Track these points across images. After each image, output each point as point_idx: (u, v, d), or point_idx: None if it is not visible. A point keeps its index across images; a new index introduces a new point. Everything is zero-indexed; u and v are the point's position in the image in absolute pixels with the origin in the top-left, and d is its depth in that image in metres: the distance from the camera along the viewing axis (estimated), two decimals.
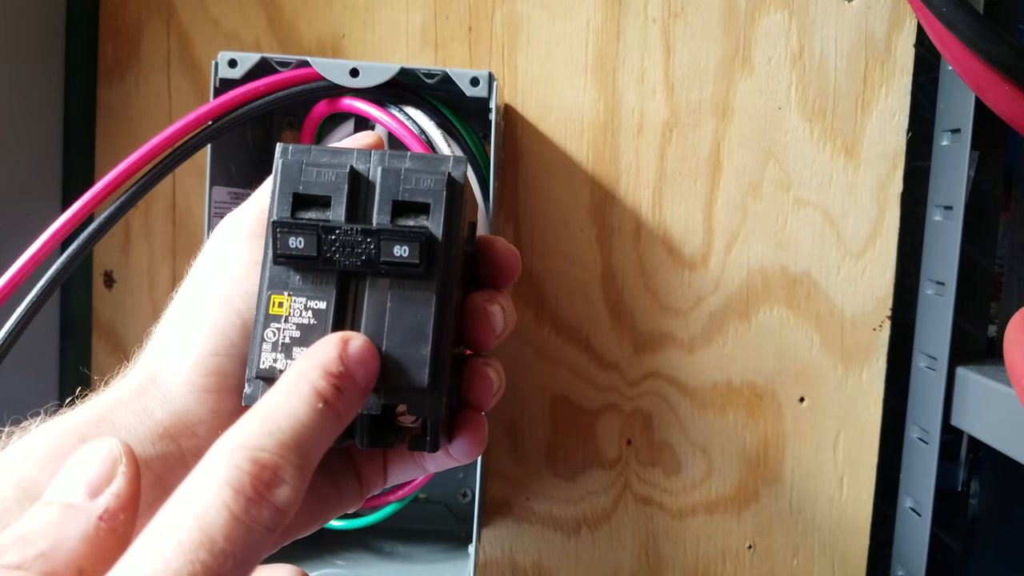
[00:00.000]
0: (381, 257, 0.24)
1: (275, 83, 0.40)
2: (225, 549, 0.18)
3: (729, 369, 0.51)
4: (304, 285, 0.25)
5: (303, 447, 0.20)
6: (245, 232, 0.28)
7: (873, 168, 0.50)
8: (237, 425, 0.20)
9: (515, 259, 0.30)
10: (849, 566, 0.52)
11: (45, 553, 0.19)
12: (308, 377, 0.22)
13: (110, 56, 0.51)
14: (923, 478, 0.48)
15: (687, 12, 0.49)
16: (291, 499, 0.19)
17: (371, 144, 0.31)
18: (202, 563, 0.18)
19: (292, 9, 0.50)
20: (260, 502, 0.19)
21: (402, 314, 0.25)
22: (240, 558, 0.18)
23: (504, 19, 0.50)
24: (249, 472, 0.19)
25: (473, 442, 0.28)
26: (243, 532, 0.18)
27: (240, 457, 0.19)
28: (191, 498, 0.19)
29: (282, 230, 0.24)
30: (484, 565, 0.53)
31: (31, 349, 0.49)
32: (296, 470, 0.20)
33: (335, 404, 0.22)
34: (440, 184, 0.25)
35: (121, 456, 0.21)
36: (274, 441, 0.20)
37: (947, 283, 0.46)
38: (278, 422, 0.20)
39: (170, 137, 0.39)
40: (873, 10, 0.49)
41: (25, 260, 0.36)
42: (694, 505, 0.52)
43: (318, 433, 0.21)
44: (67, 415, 0.25)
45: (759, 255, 0.51)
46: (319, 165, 0.25)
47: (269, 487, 0.19)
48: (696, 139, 0.50)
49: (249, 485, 0.19)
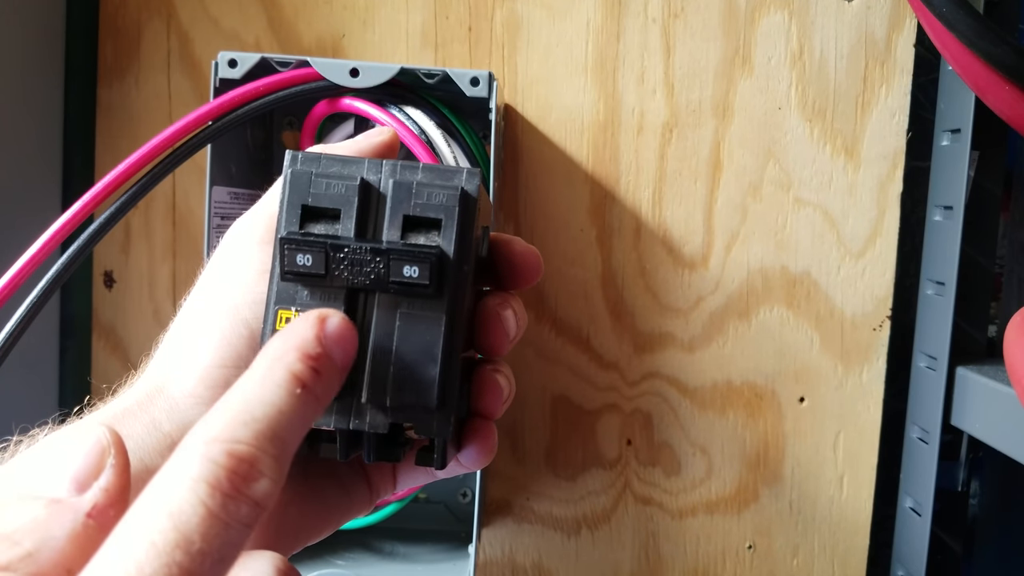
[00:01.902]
0: (390, 277, 0.24)
1: (275, 83, 0.40)
2: (203, 549, 0.17)
3: (729, 369, 0.51)
4: (312, 301, 0.24)
5: (281, 436, 0.19)
6: (255, 238, 0.27)
7: (873, 168, 0.50)
8: (210, 415, 0.19)
9: (535, 260, 0.29)
10: (849, 566, 0.52)
11: (31, 554, 0.18)
12: (284, 361, 0.20)
13: (110, 56, 0.51)
14: (923, 478, 0.48)
15: (687, 12, 0.49)
16: (269, 491, 0.18)
17: (385, 142, 0.30)
18: (178, 565, 0.16)
19: (292, 9, 0.50)
20: (237, 497, 0.18)
21: (411, 333, 0.24)
22: (218, 556, 0.17)
23: (504, 19, 0.50)
24: (225, 466, 0.18)
25: (482, 450, 0.28)
26: (221, 529, 0.17)
27: (215, 450, 0.18)
28: (164, 495, 0.17)
29: (290, 247, 0.24)
30: (484, 565, 0.53)
31: (31, 349, 0.49)
32: (274, 461, 0.19)
33: (313, 388, 0.20)
34: (452, 199, 0.24)
35: (110, 446, 0.20)
36: (250, 432, 0.19)
37: (947, 283, 0.46)
38: (253, 411, 0.19)
39: (170, 137, 0.39)
40: (873, 10, 0.49)
41: (25, 261, 0.36)
42: (694, 505, 0.52)
43: (297, 420, 0.20)
44: (73, 425, 0.25)
45: (759, 255, 0.51)
46: (329, 176, 0.25)
47: (247, 481, 0.18)
48: (696, 139, 0.50)
49: (226, 480, 0.18)
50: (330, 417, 0.24)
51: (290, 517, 0.27)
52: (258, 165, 0.48)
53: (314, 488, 0.28)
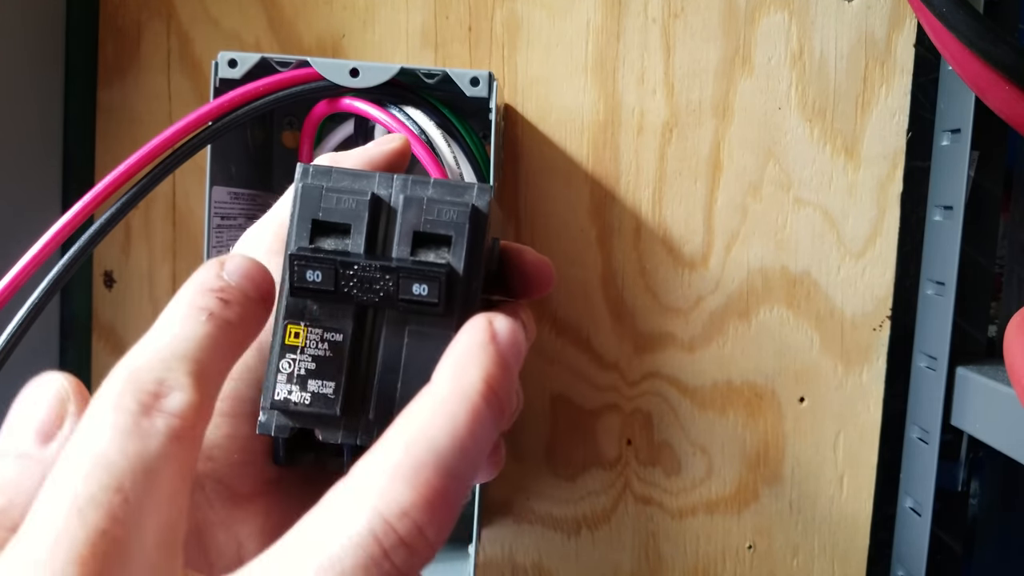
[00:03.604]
0: (399, 295, 0.24)
1: (275, 83, 0.40)
2: (123, 466, 0.17)
3: (729, 369, 0.51)
4: (321, 316, 0.24)
5: (192, 357, 0.19)
6: (263, 248, 0.27)
7: (873, 168, 0.50)
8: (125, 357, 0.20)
9: (548, 271, 0.29)
10: (849, 566, 0.52)
11: (5, 509, 0.18)
12: (186, 298, 0.21)
13: (110, 56, 0.51)
14: (923, 478, 0.48)
15: (687, 12, 0.49)
16: (185, 403, 0.18)
17: (397, 149, 0.30)
18: (101, 485, 0.17)
19: (292, 9, 0.50)
20: (149, 413, 0.18)
21: (419, 351, 0.24)
22: (142, 468, 0.17)
23: (504, 19, 0.50)
24: (130, 388, 0.18)
25: (490, 464, 0.28)
26: (139, 444, 0.17)
27: (121, 377, 0.18)
28: (82, 432, 0.18)
29: (299, 263, 0.24)
30: (484, 565, 0.53)
31: (30, 349, 0.49)
32: (186, 377, 0.19)
33: (223, 314, 0.21)
34: (463, 216, 0.24)
35: (69, 393, 0.20)
36: (156, 357, 0.19)
37: (947, 283, 0.46)
38: (158, 341, 0.20)
39: (170, 138, 0.39)
40: (873, 10, 0.49)
41: (26, 262, 0.35)
42: (694, 505, 0.52)
43: (211, 342, 0.20)
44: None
45: (759, 255, 0.51)
46: (340, 191, 0.25)
47: (156, 397, 0.18)
48: (696, 139, 0.50)
49: (132, 400, 0.18)
50: (338, 432, 0.25)
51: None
52: (258, 165, 0.48)
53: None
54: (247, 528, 0.26)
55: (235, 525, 0.25)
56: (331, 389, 0.24)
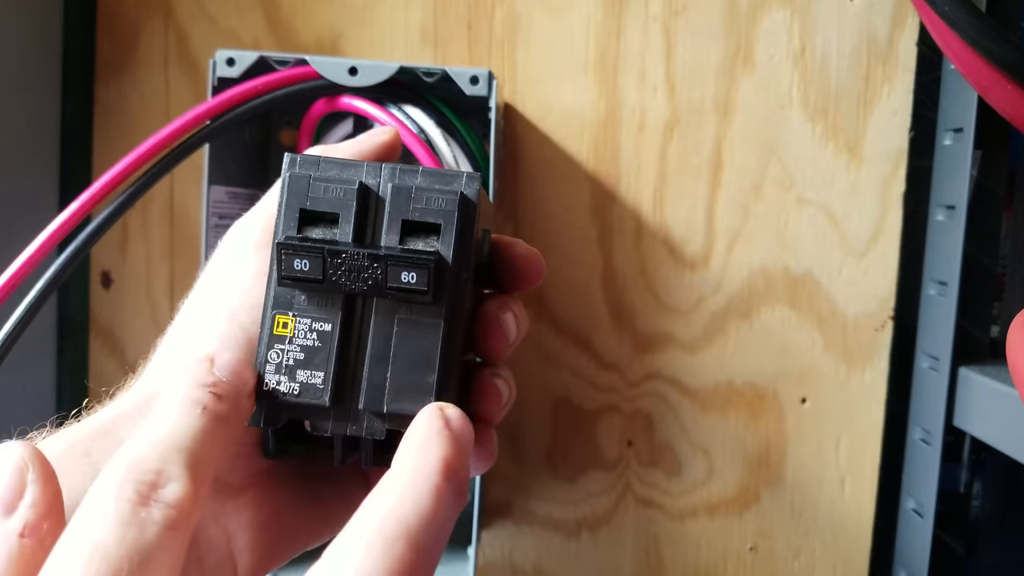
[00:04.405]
0: (388, 283, 0.24)
1: (273, 82, 0.40)
2: (119, 554, 0.18)
3: (730, 370, 0.51)
4: (309, 306, 0.24)
5: (187, 448, 0.20)
6: (252, 241, 0.27)
7: (876, 167, 0.49)
8: (121, 449, 0.21)
9: (537, 263, 0.29)
10: (851, 568, 0.52)
11: None
12: (181, 391, 0.22)
13: (107, 55, 0.51)
14: (925, 479, 0.48)
15: (688, 10, 0.49)
16: (182, 494, 0.19)
17: (387, 142, 0.30)
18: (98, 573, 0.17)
19: (290, 7, 0.50)
20: (146, 503, 0.19)
21: (408, 340, 0.24)
22: (137, 558, 0.18)
23: (504, 17, 0.50)
24: (129, 478, 0.19)
25: (482, 456, 0.28)
26: (136, 534, 0.18)
27: (121, 466, 0.19)
28: (82, 518, 0.19)
29: (287, 252, 0.24)
30: (484, 567, 0.53)
31: (28, 349, 0.48)
32: (182, 468, 0.20)
33: (216, 407, 0.22)
34: (452, 204, 0.24)
35: (27, 463, 0.20)
36: (154, 449, 0.20)
37: (950, 283, 0.46)
38: (156, 433, 0.21)
39: (168, 136, 0.39)
40: (875, 8, 0.49)
41: (23, 261, 0.35)
42: (695, 507, 0.52)
43: (203, 434, 0.21)
44: (71, 428, 0.25)
45: (761, 255, 0.50)
46: (327, 180, 0.24)
47: (153, 488, 0.19)
48: (697, 138, 0.50)
49: (131, 490, 0.19)
50: (328, 423, 0.24)
51: (289, 521, 0.27)
52: (256, 164, 0.48)
53: (313, 492, 0.28)
54: (237, 520, 0.26)
55: (225, 517, 0.25)
56: (320, 379, 0.24)
